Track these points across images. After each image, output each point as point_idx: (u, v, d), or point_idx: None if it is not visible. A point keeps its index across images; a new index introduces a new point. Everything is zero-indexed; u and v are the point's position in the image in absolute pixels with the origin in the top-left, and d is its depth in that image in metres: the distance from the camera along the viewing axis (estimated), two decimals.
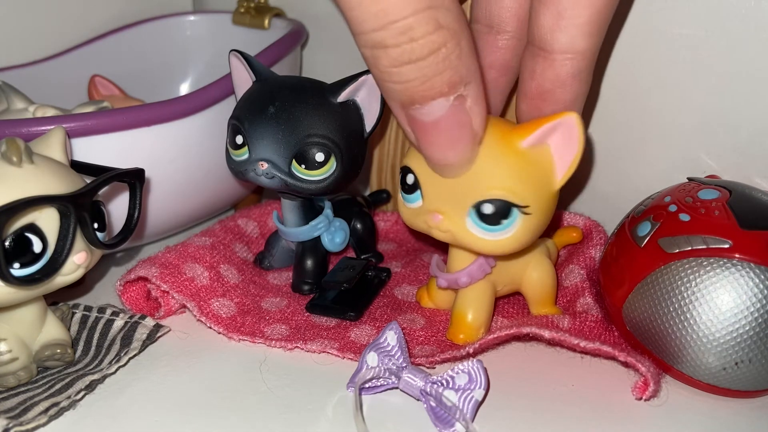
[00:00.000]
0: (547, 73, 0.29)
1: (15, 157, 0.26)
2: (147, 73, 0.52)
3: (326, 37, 0.50)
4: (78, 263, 0.28)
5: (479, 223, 0.28)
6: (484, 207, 0.28)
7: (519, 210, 0.28)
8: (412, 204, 0.30)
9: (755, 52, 0.35)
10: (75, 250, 0.27)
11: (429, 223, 0.30)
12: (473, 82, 0.26)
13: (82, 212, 0.27)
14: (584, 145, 0.28)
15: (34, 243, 0.26)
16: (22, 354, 0.29)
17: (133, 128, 0.35)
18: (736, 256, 0.28)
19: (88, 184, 0.28)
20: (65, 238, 0.27)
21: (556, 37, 0.28)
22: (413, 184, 0.30)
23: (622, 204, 0.36)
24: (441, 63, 0.24)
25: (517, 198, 0.28)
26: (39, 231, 0.26)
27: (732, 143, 0.37)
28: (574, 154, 0.28)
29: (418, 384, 0.28)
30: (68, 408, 0.28)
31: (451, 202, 0.29)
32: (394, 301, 0.37)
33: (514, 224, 0.28)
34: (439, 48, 0.24)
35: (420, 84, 0.25)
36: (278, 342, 0.32)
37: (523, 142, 0.28)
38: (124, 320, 0.33)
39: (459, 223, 0.29)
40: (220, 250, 0.38)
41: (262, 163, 0.33)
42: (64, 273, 0.28)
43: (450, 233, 0.29)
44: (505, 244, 0.29)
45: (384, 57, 0.24)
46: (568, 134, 0.28)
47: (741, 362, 0.28)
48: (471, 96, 0.26)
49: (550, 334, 0.29)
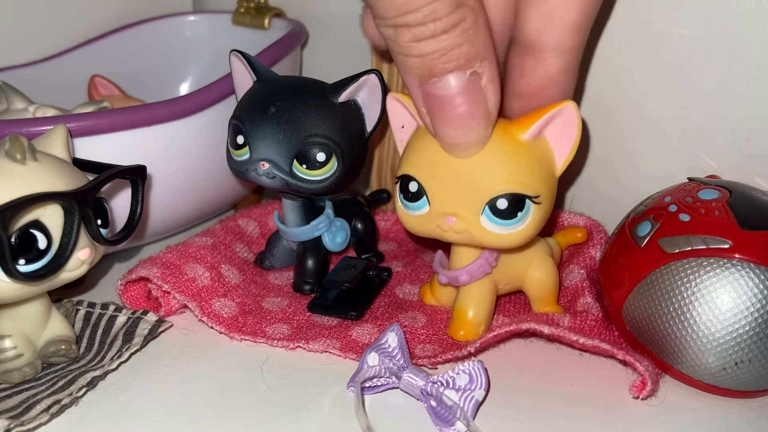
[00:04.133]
0: (537, 72, 0.30)
1: (19, 155, 0.27)
2: (147, 73, 0.52)
3: (326, 37, 0.50)
4: (82, 259, 0.28)
5: (495, 219, 0.29)
6: (499, 202, 0.29)
7: (531, 201, 0.29)
8: (418, 211, 0.30)
9: (755, 52, 0.35)
10: (79, 247, 0.28)
11: (443, 227, 0.30)
12: (488, 59, 0.26)
13: (86, 209, 0.28)
14: (582, 131, 0.29)
15: (39, 239, 0.26)
16: (27, 350, 0.30)
17: (133, 128, 0.35)
18: (736, 256, 0.28)
19: (91, 181, 0.29)
20: (69, 234, 0.27)
21: (545, 36, 0.29)
22: (417, 192, 0.30)
23: (622, 204, 0.36)
24: (459, 36, 0.25)
25: (529, 189, 0.29)
26: (44, 227, 0.27)
27: (732, 143, 0.37)
28: (573, 141, 0.29)
29: (419, 384, 0.28)
30: (70, 405, 0.28)
31: (462, 202, 0.29)
32: (396, 300, 0.37)
33: (528, 215, 0.29)
34: (459, 22, 0.25)
35: (438, 57, 0.26)
36: (280, 342, 0.33)
37: (525, 135, 0.29)
38: (127, 316, 0.33)
39: (474, 222, 0.29)
40: (221, 250, 0.38)
41: (263, 163, 0.33)
42: (68, 269, 0.28)
43: (466, 233, 0.30)
44: (521, 235, 0.29)
45: (407, 33, 0.25)
46: (567, 122, 0.28)
47: (741, 362, 0.28)
48: (486, 74, 0.27)
49: (550, 330, 0.30)
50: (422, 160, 0.30)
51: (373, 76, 0.33)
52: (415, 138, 0.31)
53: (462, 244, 0.31)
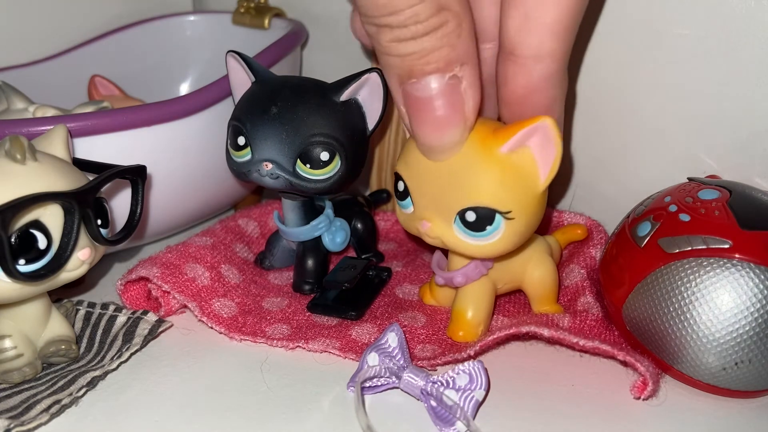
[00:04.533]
0: (519, 79, 0.28)
1: (19, 155, 0.27)
2: (147, 73, 0.52)
3: (326, 37, 0.50)
4: (82, 259, 0.28)
5: (465, 230, 0.29)
6: (468, 215, 0.28)
7: (502, 216, 0.28)
8: (406, 209, 0.31)
9: (755, 52, 0.35)
10: (79, 247, 0.28)
11: (419, 229, 0.30)
12: (469, 64, 0.26)
13: (86, 209, 0.28)
14: (562, 147, 0.28)
15: (39, 239, 0.26)
16: (27, 350, 0.30)
17: (133, 128, 0.35)
18: (736, 256, 0.28)
19: (91, 181, 0.29)
20: (69, 234, 0.27)
21: (524, 39, 0.27)
22: (404, 191, 0.31)
23: (622, 204, 0.36)
24: (440, 40, 0.25)
25: (499, 204, 0.28)
26: (44, 227, 0.27)
27: (732, 143, 0.37)
28: (554, 157, 0.28)
29: (419, 384, 0.28)
30: (70, 405, 0.28)
31: (437, 209, 0.29)
32: (395, 300, 0.37)
33: (498, 230, 0.29)
34: (440, 26, 0.25)
35: (418, 59, 0.26)
36: (280, 342, 0.33)
37: (502, 148, 0.28)
38: (127, 316, 0.33)
39: (446, 230, 0.29)
40: (220, 250, 0.38)
41: (266, 163, 0.33)
42: (68, 269, 0.28)
43: (439, 239, 0.30)
44: (492, 248, 0.29)
45: (388, 33, 0.25)
46: (546, 138, 0.28)
47: (741, 362, 0.28)
48: (466, 79, 0.26)
49: (550, 332, 0.30)
50: (412, 161, 0.30)
51: (374, 75, 0.33)
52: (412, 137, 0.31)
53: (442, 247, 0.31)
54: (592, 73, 0.40)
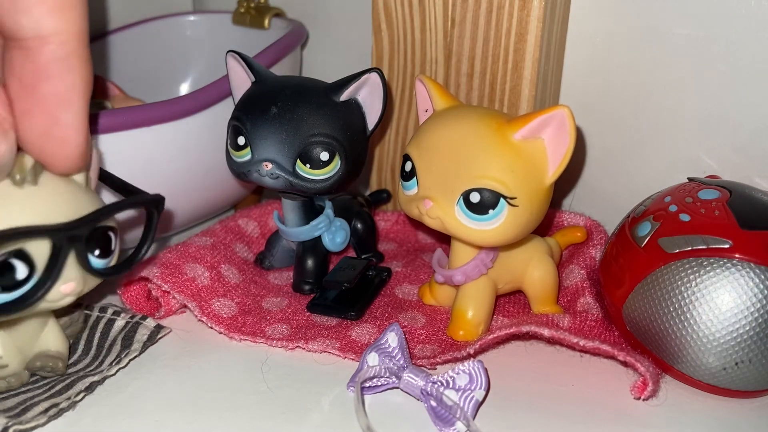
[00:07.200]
0: (27, 66, 0.24)
1: (18, 176, 0.25)
2: (147, 73, 0.52)
3: (326, 37, 0.50)
4: (65, 293, 0.26)
5: (466, 212, 0.29)
6: (472, 195, 0.29)
7: (506, 201, 0.28)
8: (409, 191, 0.31)
9: (755, 52, 0.35)
10: (63, 279, 0.25)
11: (420, 209, 0.30)
12: None
13: (77, 242, 0.26)
14: (576, 139, 0.28)
15: (19, 269, 0.24)
16: (14, 361, 0.29)
17: (133, 128, 0.35)
18: (736, 256, 0.28)
19: (86, 216, 0.26)
20: (53, 267, 0.25)
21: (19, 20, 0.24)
22: (411, 171, 0.31)
23: (622, 204, 0.36)
24: None
25: (505, 189, 0.28)
26: (27, 257, 0.25)
27: (732, 143, 0.37)
28: (566, 148, 0.28)
29: (419, 384, 0.28)
30: (67, 409, 0.28)
31: (442, 189, 0.30)
32: (395, 300, 0.37)
33: (501, 215, 0.29)
34: None
35: None
36: (279, 342, 0.33)
37: (516, 135, 0.28)
38: (125, 320, 0.33)
39: (448, 210, 0.30)
40: (220, 250, 0.38)
41: (266, 163, 0.33)
42: (49, 300, 0.26)
43: (439, 220, 0.30)
44: (492, 234, 0.29)
45: None
46: (560, 127, 0.28)
47: (741, 362, 0.28)
48: None
49: (550, 332, 0.30)
50: (423, 142, 0.30)
51: (374, 75, 0.33)
52: (427, 121, 0.32)
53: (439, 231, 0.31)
54: (592, 73, 0.40)
